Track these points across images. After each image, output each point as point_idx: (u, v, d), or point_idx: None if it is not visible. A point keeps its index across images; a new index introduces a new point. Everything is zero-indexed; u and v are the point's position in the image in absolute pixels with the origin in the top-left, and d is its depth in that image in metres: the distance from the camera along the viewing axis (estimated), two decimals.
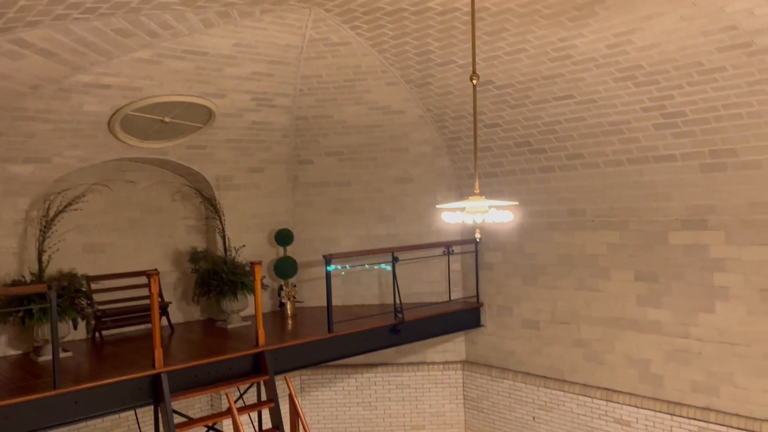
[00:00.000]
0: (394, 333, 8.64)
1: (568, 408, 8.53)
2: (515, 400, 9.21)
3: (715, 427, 7.07)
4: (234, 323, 8.84)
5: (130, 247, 9.07)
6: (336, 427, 10.14)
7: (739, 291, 6.86)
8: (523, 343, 9.16)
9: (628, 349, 7.91)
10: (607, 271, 8.07)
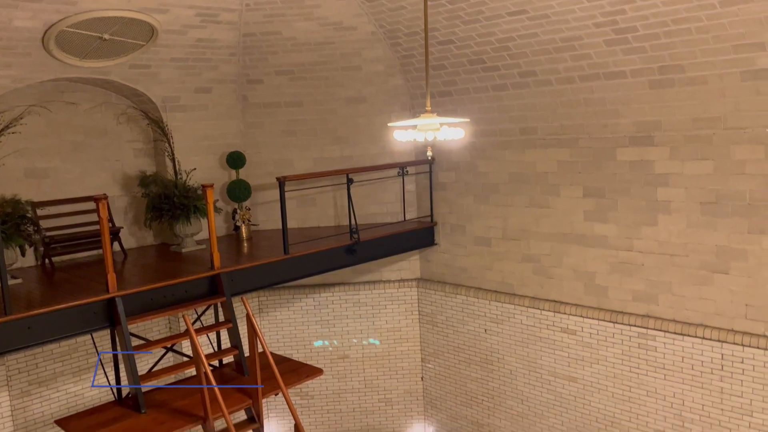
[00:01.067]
0: (350, 253, 8.75)
1: (517, 320, 8.91)
2: (468, 314, 9.56)
3: (653, 332, 7.52)
4: (188, 247, 8.79)
5: (76, 172, 8.80)
6: (295, 344, 10.39)
7: (680, 204, 7.14)
8: (475, 259, 9.42)
9: (575, 263, 8.23)
10: (557, 188, 8.26)
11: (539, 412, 8.80)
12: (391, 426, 10.51)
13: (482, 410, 9.57)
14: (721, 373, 7.00)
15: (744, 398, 6.85)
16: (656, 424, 7.59)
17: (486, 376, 9.43)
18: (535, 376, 8.79)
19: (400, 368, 10.41)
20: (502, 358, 9.18)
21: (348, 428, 10.52)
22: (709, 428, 7.14)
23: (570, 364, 8.36)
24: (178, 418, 6.33)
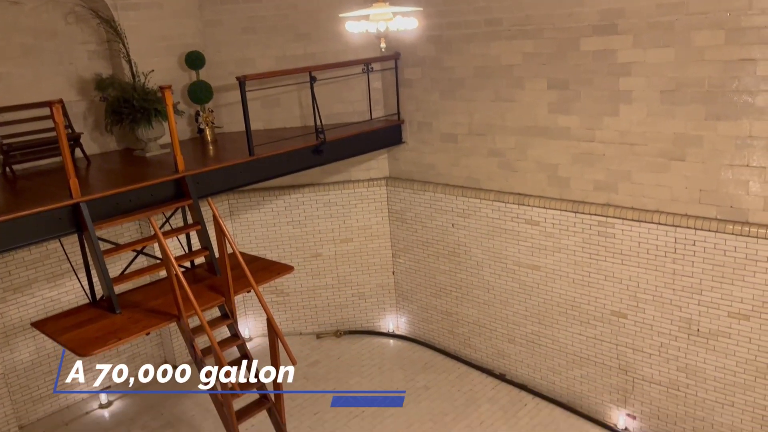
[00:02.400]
0: (317, 154, 8.74)
1: (483, 214, 9.12)
2: (436, 209, 9.74)
3: (612, 220, 7.78)
4: (152, 151, 8.70)
5: (29, 77, 8.49)
6: (268, 245, 10.57)
7: (641, 94, 7.18)
8: (442, 156, 9.49)
9: (538, 156, 8.34)
10: (522, 81, 8.22)
11: (504, 300, 9.22)
12: (364, 318, 10.96)
13: (451, 300, 9.98)
14: (674, 256, 7.33)
15: (694, 278, 7.23)
16: (613, 305, 8.01)
17: (454, 268, 9.76)
18: (500, 266, 9.13)
19: (372, 264, 10.71)
20: (468, 250, 9.47)
21: (323, 322, 10.96)
22: (662, 307, 7.56)
23: (533, 254, 8.68)
24: (153, 317, 6.52)
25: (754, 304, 6.85)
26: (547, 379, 8.99)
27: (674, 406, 7.72)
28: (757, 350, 6.93)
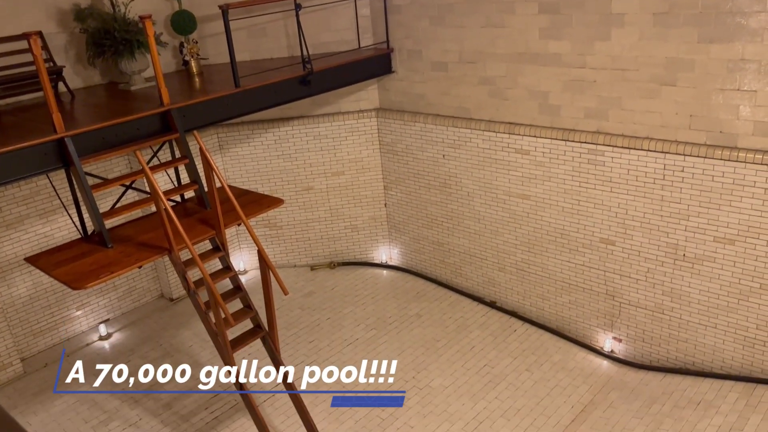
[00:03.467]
0: (304, 84, 8.59)
1: (474, 144, 9.07)
2: (426, 141, 9.68)
3: (602, 148, 7.75)
4: (137, 84, 8.55)
5: (7, 9, 8.22)
6: (259, 179, 10.56)
7: (634, 17, 7.02)
8: (432, 85, 9.35)
9: (529, 83, 8.22)
10: (512, 5, 8.00)
11: (494, 229, 9.30)
12: (357, 250, 11.08)
13: (442, 231, 10.07)
14: (663, 183, 7.35)
15: (682, 204, 7.28)
16: (601, 233, 8.10)
17: (445, 199, 9.80)
18: (490, 197, 9.16)
19: (364, 197, 10.74)
20: (459, 181, 9.48)
21: (317, 254, 11.08)
22: (649, 233, 7.65)
23: (523, 183, 8.69)
24: (144, 250, 6.57)
25: (740, 229, 6.93)
26: (536, 306, 9.19)
27: (659, 328, 7.93)
28: (741, 273, 7.06)
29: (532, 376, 8.14)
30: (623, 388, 7.78)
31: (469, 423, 7.48)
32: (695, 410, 6.98)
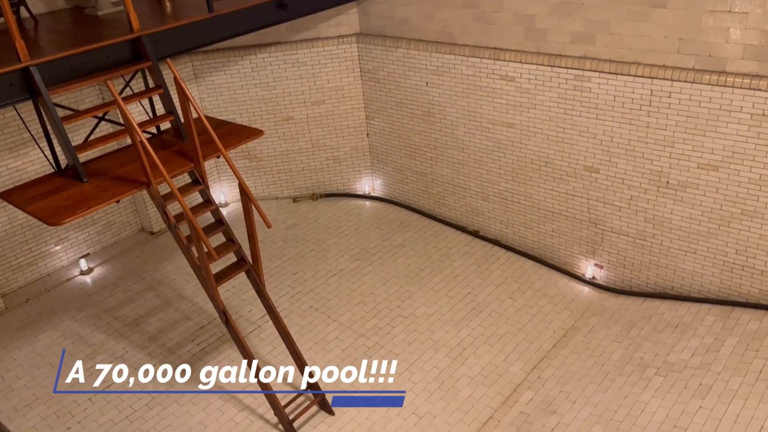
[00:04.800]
0: (281, 8, 8.19)
1: (458, 71, 8.83)
2: (409, 67, 9.41)
3: (589, 74, 7.59)
4: (105, 9, 8.10)
5: None
6: (236, 109, 10.26)
7: None
8: (415, 8, 8.99)
9: (515, 6, 7.93)
10: None
11: (478, 159, 9.21)
12: (340, 181, 10.95)
13: (425, 161, 9.96)
14: (649, 109, 7.26)
15: (667, 131, 7.21)
16: (586, 161, 8.05)
17: (428, 128, 9.63)
18: (474, 125, 9.01)
19: (346, 126, 10.52)
20: (443, 109, 9.29)
21: (299, 186, 10.95)
22: (634, 161, 7.61)
23: (508, 111, 8.54)
24: (122, 184, 6.39)
25: (724, 155, 6.91)
26: (519, 234, 9.23)
27: (640, 255, 8.03)
28: (723, 200, 7.10)
29: (514, 303, 8.27)
30: (603, 313, 7.94)
31: (453, 350, 7.63)
32: (673, 333, 7.17)
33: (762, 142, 6.62)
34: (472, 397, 7.00)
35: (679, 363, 6.68)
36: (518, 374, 7.25)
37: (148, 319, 8.44)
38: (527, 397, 6.90)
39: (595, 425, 6.24)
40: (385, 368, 7.42)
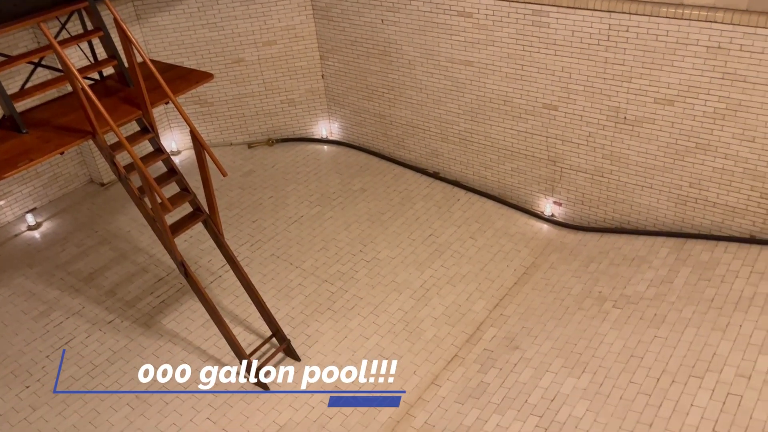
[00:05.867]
0: None
1: (414, 7, 8.56)
2: (363, 4, 9.07)
3: (547, 8, 7.45)
4: None
5: None
6: (184, 51, 9.79)
7: None
8: None
9: None
10: None
11: (437, 99, 9.06)
12: (296, 125, 10.68)
13: (383, 102, 9.75)
14: (607, 44, 7.19)
15: (625, 66, 7.18)
16: (545, 98, 7.99)
17: (385, 68, 9.39)
18: (432, 64, 8.82)
19: (299, 68, 10.18)
20: (400, 48, 9.04)
21: (254, 131, 10.63)
22: (592, 97, 7.59)
23: (466, 49, 8.36)
24: (65, 135, 6.07)
25: (680, 89, 6.94)
26: (479, 175, 9.22)
27: (598, 191, 8.13)
28: (678, 134, 7.17)
29: (476, 243, 8.32)
30: (563, 250, 8.07)
31: (417, 291, 7.68)
32: (629, 266, 7.35)
33: (717, 75, 6.65)
34: (436, 337, 7.10)
35: (636, 295, 6.87)
36: (481, 312, 7.36)
37: (103, 273, 8.21)
38: (490, 334, 7.04)
39: (556, 358, 6.41)
40: (353, 322, 7.44)
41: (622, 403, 5.72)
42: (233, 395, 6.60)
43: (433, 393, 6.51)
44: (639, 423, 5.50)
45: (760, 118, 6.58)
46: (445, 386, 6.56)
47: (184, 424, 6.35)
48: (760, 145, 6.70)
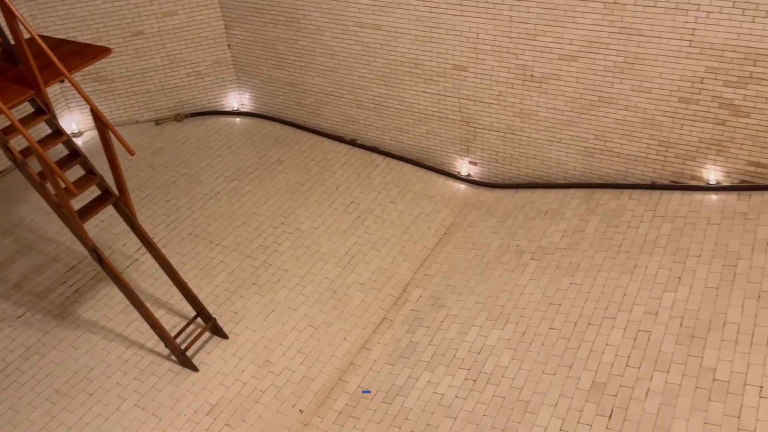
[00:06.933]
0: None
1: None
2: None
3: None
4: None
5: None
6: (77, 25, 9.18)
7: None
8: None
9: None
10: None
11: (349, 65, 8.97)
12: (205, 98, 10.32)
13: (294, 70, 9.57)
14: (511, 3, 7.32)
15: (529, 24, 7.35)
16: (454, 59, 8.08)
17: (294, 36, 9.19)
18: (341, 29, 8.70)
19: (204, 38, 9.80)
20: (308, 14, 8.85)
21: (160, 107, 10.19)
22: (499, 56, 7.74)
23: (374, 12, 8.29)
24: None
25: (581, 45, 7.19)
26: (395, 139, 9.27)
27: (510, 148, 8.36)
28: (582, 89, 7.45)
29: (397, 208, 8.41)
30: (480, 208, 8.29)
31: (342, 259, 7.70)
32: (544, 219, 7.65)
33: (614, 30, 6.93)
34: (364, 302, 7.17)
35: (551, 246, 7.17)
36: (406, 274, 7.48)
37: (8, 266, 7.72)
38: (416, 295, 7.18)
39: (480, 312, 6.63)
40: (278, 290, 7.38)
41: (544, 349, 6.01)
42: (161, 379, 6.44)
43: (364, 357, 6.61)
44: (560, 366, 5.80)
45: (655, 69, 6.93)
46: (376, 349, 6.66)
47: (110, 413, 6.15)
48: (656, 95, 7.07)
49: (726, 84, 6.65)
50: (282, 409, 6.19)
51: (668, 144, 7.28)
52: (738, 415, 4.93)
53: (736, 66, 6.52)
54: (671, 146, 7.28)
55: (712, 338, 5.54)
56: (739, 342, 5.43)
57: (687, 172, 7.33)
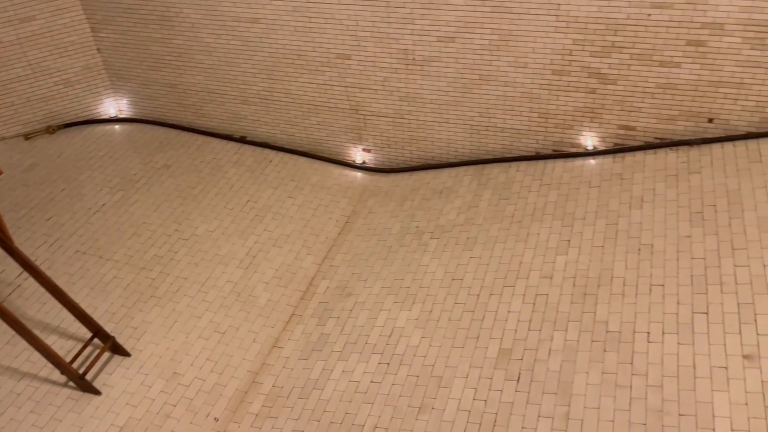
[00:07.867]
0: None
1: None
2: None
3: None
4: None
5: None
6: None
7: None
8: None
9: None
10: None
11: (230, 60, 8.73)
12: (78, 107, 9.70)
13: (172, 71, 9.19)
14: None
15: (406, 8, 7.45)
16: (336, 48, 8.06)
17: (167, 35, 8.81)
18: (218, 25, 8.45)
19: (69, 43, 9.19)
20: (180, 11, 8.51)
21: (28, 120, 9.47)
22: (381, 42, 7.81)
23: (250, 6, 8.11)
24: None
25: (458, 26, 7.39)
26: (286, 133, 9.14)
27: (401, 132, 8.48)
28: (462, 68, 7.67)
29: (295, 202, 8.31)
30: (378, 194, 8.36)
31: (243, 260, 7.52)
32: (439, 198, 7.83)
33: (487, 9, 7.17)
34: (271, 301, 7.06)
35: (448, 224, 7.37)
36: (311, 268, 7.43)
37: None
38: (323, 287, 7.15)
39: (387, 296, 6.71)
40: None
41: (451, 324, 6.18)
42: (60, 408, 6.04)
43: (276, 356, 6.52)
44: (468, 338, 5.99)
45: (529, 45, 7.24)
46: (288, 346, 6.59)
47: None
48: (531, 70, 7.40)
49: (592, 54, 7.06)
50: (196, 420, 5.99)
51: (547, 115, 7.65)
52: (631, 362, 5.30)
53: (599, 37, 6.94)
54: (550, 117, 7.65)
55: (602, 293, 5.91)
56: (625, 294, 5.83)
57: (567, 141, 7.74)
